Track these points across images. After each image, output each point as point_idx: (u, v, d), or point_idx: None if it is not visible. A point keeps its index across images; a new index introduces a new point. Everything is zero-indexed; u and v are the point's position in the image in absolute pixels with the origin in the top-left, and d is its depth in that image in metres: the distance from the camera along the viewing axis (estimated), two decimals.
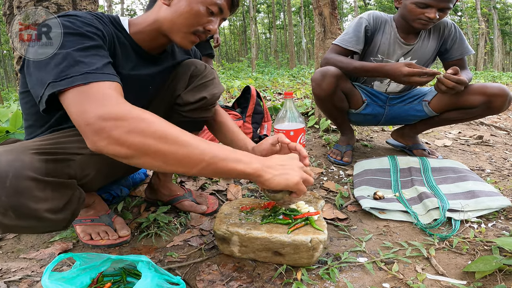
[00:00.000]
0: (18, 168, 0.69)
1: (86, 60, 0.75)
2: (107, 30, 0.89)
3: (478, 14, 19.96)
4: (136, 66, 1.01)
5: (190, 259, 1.01)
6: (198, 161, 0.73)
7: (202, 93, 1.14)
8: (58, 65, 0.73)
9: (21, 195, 0.68)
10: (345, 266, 0.94)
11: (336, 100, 1.71)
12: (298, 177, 0.85)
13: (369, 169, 1.60)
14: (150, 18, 0.99)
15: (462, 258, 0.97)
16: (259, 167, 0.81)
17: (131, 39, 0.98)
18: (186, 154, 0.71)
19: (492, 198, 1.23)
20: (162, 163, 0.72)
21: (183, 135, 0.73)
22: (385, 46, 1.72)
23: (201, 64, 1.19)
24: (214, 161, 0.74)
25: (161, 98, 1.16)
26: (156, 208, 1.31)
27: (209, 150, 0.74)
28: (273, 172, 0.83)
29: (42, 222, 0.75)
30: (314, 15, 2.58)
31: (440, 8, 1.52)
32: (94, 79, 0.72)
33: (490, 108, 1.58)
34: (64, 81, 0.71)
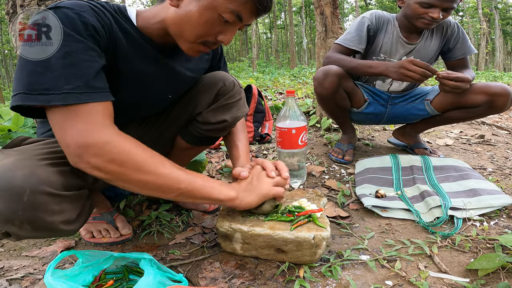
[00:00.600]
0: (35, 183, 0.67)
1: (68, 72, 0.68)
2: (105, 21, 0.79)
3: (480, 14, 19.95)
4: (149, 59, 0.91)
5: (192, 256, 1.01)
6: (174, 189, 0.78)
7: (224, 115, 1.08)
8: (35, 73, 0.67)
9: (37, 209, 0.68)
10: (347, 264, 0.94)
11: (338, 99, 1.71)
12: (266, 185, 0.91)
13: (371, 167, 1.60)
14: (159, 15, 0.87)
15: (465, 256, 0.97)
16: (232, 194, 0.87)
17: (138, 31, 0.88)
18: (162, 183, 0.76)
19: (494, 196, 1.23)
20: (139, 189, 0.77)
21: (161, 166, 0.76)
22: (388, 46, 1.72)
23: (230, 81, 1.09)
24: (189, 189, 0.79)
25: (182, 111, 1.11)
26: (158, 206, 1.31)
27: (185, 180, 0.78)
28: (243, 194, 0.89)
29: (56, 232, 0.75)
30: (315, 14, 2.58)
31: (444, 8, 1.52)
32: (73, 101, 0.68)
33: (492, 108, 1.58)
34: (38, 97, 0.66)
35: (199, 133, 1.13)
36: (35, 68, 0.67)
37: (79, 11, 0.72)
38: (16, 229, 0.68)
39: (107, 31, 0.79)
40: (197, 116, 1.11)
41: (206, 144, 1.21)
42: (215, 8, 0.79)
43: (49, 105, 0.67)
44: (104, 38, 0.78)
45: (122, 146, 0.71)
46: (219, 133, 1.13)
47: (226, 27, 0.83)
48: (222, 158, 1.99)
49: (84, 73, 0.70)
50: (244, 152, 1.12)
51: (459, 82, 1.47)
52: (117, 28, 0.83)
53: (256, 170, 0.97)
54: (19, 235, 0.70)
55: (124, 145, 0.72)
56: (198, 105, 1.09)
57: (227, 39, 0.85)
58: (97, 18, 0.76)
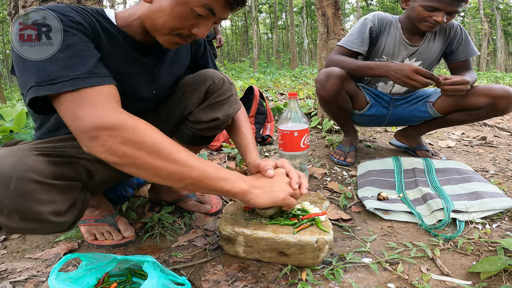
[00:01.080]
0: (21, 171, 0.68)
1: (72, 62, 0.71)
2: (88, 20, 0.81)
3: (481, 15, 19.92)
4: (130, 58, 0.93)
5: (195, 259, 1.01)
6: (186, 177, 0.75)
7: (216, 113, 1.07)
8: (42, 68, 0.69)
9: (25, 198, 0.68)
10: (350, 267, 0.94)
11: (340, 101, 1.71)
12: (284, 193, 0.88)
13: (373, 170, 1.60)
14: (136, 13, 0.90)
15: (467, 258, 0.97)
16: (244, 187, 0.84)
17: (119, 30, 0.90)
18: (175, 170, 0.73)
19: (496, 199, 1.23)
20: (150, 175, 0.74)
21: (175, 151, 0.74)
22: (390, 47, 1.72)
23: (219, 78, 1.09)
24: (201, 179, 0.77)
25: (172, 111, 1.12)
26: (160, 208, 1.32)
27: (198, 168, 0.76)
28: (258, 192, 0.86)
29: (46, 224, 0.74)
30: (317, 15, 2.58)
31: (448, 12, 1.52)
32: (83, 85, 0.70)
33: (494, 110, 1.57)
34: (49, 86, 0.68)
35: (192, 133, 1.12)
36: (41, 64, 0.69)
37: (63, 12, 0.76)
38: (4, 219, 0.68)
39: (92, 29, 0.82)
40: (188, 115, 1.10)
41: (202, 143, 1.21)
42: (187, 2, 0.80)
43: (60, 92, 0.69)
44: (91, 35, 0.80)
45: (137, 127, 0.71)
46: (213, 132, 1.13)
47: (199, 21, 0.85)
48: (224, 160, 1.99)
49: (86, 61, 0.73)
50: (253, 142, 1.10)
51: (459, 85, 1.47)
52: (99, 28, 0.85)
53: (280, 173, 0.94)
54: (8, 226, 0.70)
55: (139, 126, 0.72)
56: (189, 105, 1.09)
57: (201, 32, 0.86)
58: (82, 18, 0.79)
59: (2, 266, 1.01)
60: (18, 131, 2.23)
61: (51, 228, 0.77)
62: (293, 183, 0.91)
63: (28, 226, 0.72)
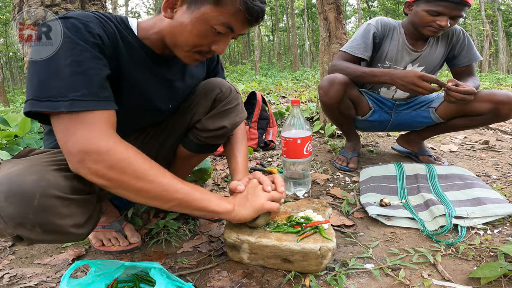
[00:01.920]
0: (44, 187, 0.70)
1: (75, 80, 0.71)
2: (110, 31, 0.83)
3: (482, 16, 19.85)
4: (148, 69, 0.95)
5: (200, 265, 1.03)
6: (172, 199, 0.80)
7: (223, 121, 1.09)
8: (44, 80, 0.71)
9: (47, 212, 0.70)
10: (352, 273, 0.95)
11: (343, 108, 1.71)
12: (261, 200, 0.92)
13: (375, 176, 1.61)
14: (156, 26, 0.92)
15: (468, 264, 0.98)
16: (229, 207, 0.90)
17: (139, 42, 0.92)
18: (160, 192, 0.78)
19: (498, 205, 1.24)
20: (137, 197, 0.79)
21: (160, 176, 0.78)
22: (393, 53, 1.72)
23: (226, 87, 1.11)
24: (187, 200, 0.82)
25: (180, 119, 1.13)
26: (165, 215, 1.33)
27: (182, 191, 0.81)
28: (239, 208, 0.92)
29: (67, 236, 0.76)
30: (319, 19, 2.59)
31: (452, 16, 1.52)
32: (79, 108, 0.71)
33: (497, 116, 1.57)
34: (48, 103, 0.70)
35: (199, 141, 1.14)
36: (44, 76, 0.71)
37: (86, 21, 0.76)
38: (27, 232, 0.70)
39: (112, 40, 0.83)
40: (196, 123, 1.12)
41: (208, 151, 1.23)
42: (207, 20, 0.82)
43: (56, 111, 0.70)
44: (109, 48, 0.82)
45: (123, 154, 0.74)
46: (219, 140, 1.15)
47: (219, 38, 0.87)
48: (227, 166, 2.01)
49: (90, 81, 0.74)
50: (243, 164, 1.12)
51: (466, 94, 1.46)
52: (120, 38, 0.86)
53: (252, 184, 0.99)
54: (30, 239, 0.72)
55: (125, 152, 0.75)
56: (196, 113, 1.11)
57: (221, 49, 0.89)
58: (103, 28, 0.81)
59: (11, 271, 1.03)
60: (23, 136, 2.26)
61: (71, 239, 0.80)
62: (265, 187, 0.95)
63: (50, 238, 0.75)
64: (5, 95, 11.36)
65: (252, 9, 0.82)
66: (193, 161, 1.27)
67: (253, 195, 0.95)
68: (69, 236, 0.76)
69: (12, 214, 0.67)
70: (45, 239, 0.74)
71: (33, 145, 2.24)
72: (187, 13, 0.84)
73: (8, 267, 1.06)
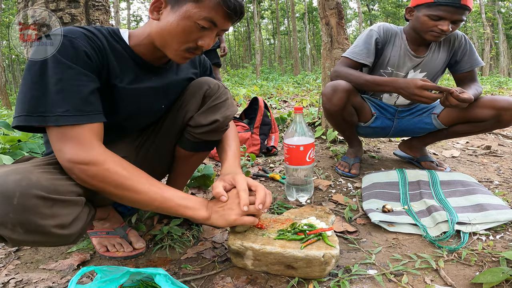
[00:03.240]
0: (24, 186, 0.71)
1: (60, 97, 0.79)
2: (98, 45, 0.88)
3: (483, 19, 19.86)
4: (138, 78, 0.99)
5: (204, 271, 1.04)
6: (149, 205, 0.89)
7: (215, 115, 1.11)
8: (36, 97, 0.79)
9: (28, 212, 0.71)
10: (355, 278, 0.96)
11: (346, 115, 1.72)
12: (234, 216, 0.93)
13: (378, 182, 1.61)
14: (146, 31, 0.97)
15: (470, 269, 0.99)
16: (205, 215, 0.94)
17: (130, 51, 0.97)
18: (137, 199, 0.87)
19: (500, 211, 1.24)
20: (119, 200, 0.90)
21: (138, 184, 0.86)
22: (395, 59, 1.72)
23: (214, 83, 1.15)
24: (164, 207, 0.89)
25: (174, 119, 1.16)
26: (168, 220, 1.34)
27: (159, 198, 0.88)
28: (215, 216, 0.94)
29: (51, 237, 0.76)
30: (320, 25, 2.60)
31: (453, 20, 1.53)
32: (64, 123, 0.79)
33: (499, 122, 1.58)
34: (38, 118, 0.78)
35: (194, 138, 1.15)
36: (35, 93, 0.79)
37: (71, 38, 0.83)
38: (8, 232, 0.71)
39: (99, 54, 0.89)
40: (189, 121, 1.14)
41: (204, 149, 1.24)
42: (190, 16, 0.89)
43: (46, 125, 0.80)
44: (97, 61, 0.88)
45: (103, 165, 0.82)
46: (214, 135, 1.16)
47: (204, 33, 0.93)
48: None
49: (73, 98, 0.81)
50: (232, 156, 1.15)
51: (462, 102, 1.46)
52: (109, 50, 0.92)
53: (231, 194, 0.97)
54: (12, 239, 0.72)
55: (106, 164, 0.83)
56: (189, 111, 1.13)
57: (207, 43, 0.94)
58: (89, 43, 0.86)
59: (17, 276, 1.04)
60: (26, 141, 2.27)
61: (56, 241, 0.79)
62: (241, 205, 0.93)
63: (32, 239, 0.75)
64: (8, 98, 11.41)
65: (229, 2, 0.89)
66: (192, 160, 1.28)
67: (228, 207, 0.94)
68: (54, 237, 0.76)
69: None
70: (28, 240, 0.74)
71: (36, 149, 2.25)
72: (171, 13, 0.91)
73: (14, 272, 1.07)
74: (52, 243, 0.82)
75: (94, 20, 1.72)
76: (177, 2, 0.90)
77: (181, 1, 0.89)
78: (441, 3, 1.49)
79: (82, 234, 0.88)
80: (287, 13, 29.33)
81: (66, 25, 1.53)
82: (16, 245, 0.78)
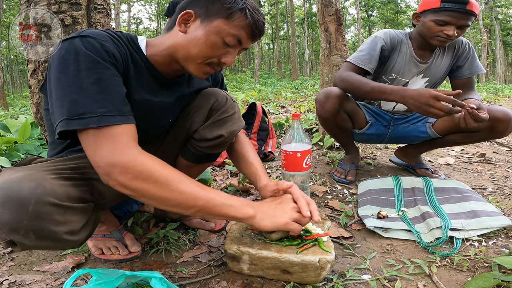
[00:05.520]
0: (40, 194, 0.72)
1: (101, 97, 0.77)
2: (122, 51, 0.88)
3: (480, 25, 19.99)
4: (151, 90, 0.99)
5: (200, 275, 1.04)
6: (192, 206, 0.82)
7: (220, 130, 1.10)
8: (74, 100, 0.76)
9: (42, 219, 0.72)
10: (350, 283, 0.97)
11: (339, 121, 1.72)
12: (286, 219, 0.91)
13: (373, 189, 1.62)
14: (167, 42, 0.96)
15: (463, 275, 1.00)
16: (251, 213, 0.90)
17: (147, 61, 0.96)
18: (181, 200, 0.81)
19: (493, 218, 1.26)
20: (159, 204, 0.82)
21: (181, 183, 0.81)
22: (400, 65, 1.72)
23: (222, 96, 1.13)
24: (207, 206, 0.84)
25: (178, 130, 1.15)
26: (165, 224, 1.35)
27: (203, 197, 0.83)
28: (262, 216, 0.91)
29: (61, 243, 0.78)
30: (319, 31, 2.61)
31: (459, 25, 1.54)
32: (107, 123, 0.76)
33: (493, 133, 1.58)
34: (79, 121, 0.75)
35: (198, 151, 1.15)
36: (73, 96, 0.76)
37: (102, 41, 0.82)
38: (20, 238, 0.71)
39: (124, 61, 0.88)
40: (193, 133, 1.14)
41: (207, 161, 1.24)
42: (219, 33, 0.90)
43: (87, 127, 0.76)
44: (122, 67, 0.87)
45: (145, 164, 0.78)
46: (218, 149, 1.15)
47: (228, 50, 0.93)
48: (227, 176, 2.03)
49: (114, 97, 0.79)
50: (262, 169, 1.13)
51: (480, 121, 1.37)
52: (130, 59, 0.91)
53: (286, 198, 0.98)
54: (23, 244, 0.73)
55: (147, 163, 0.79)
56: (194, 123, 1.12)
57: (229, 61, 0.95)
58: (117, 48, 0.86)
59: (10, 278, 1.04)
60: (23, 143, 2.27)
61: (65, 246, 0.82)
62: (303, 211, 0.93)
63: (43, 244, 0.76)
64: (5, 99, 11.36)
65: (258, 22, 0.92)
66: (193, 171, 1.29)
67: (281, 211, 0.93)
68: (63, 243, 0.78)
69: (8, 219, 0.69)
70: (38, 245, 0.76)
71: (32, 151, 2.25)
72: (200, 27, 0.91)
73: (7, 274, 1.07)
74: (59, 248, 0.84)
75: (95, 23, 1.72)
76: (208, 16, 0.90)
77: (212, 16, 0.90)
78: (447, 8, 1.51)
79: (87, 239, 0.89)
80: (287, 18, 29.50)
81: (67, 28, 1.53)
82: (25, 249, 0.77)
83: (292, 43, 21.94)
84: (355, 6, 23.46)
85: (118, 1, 17.59)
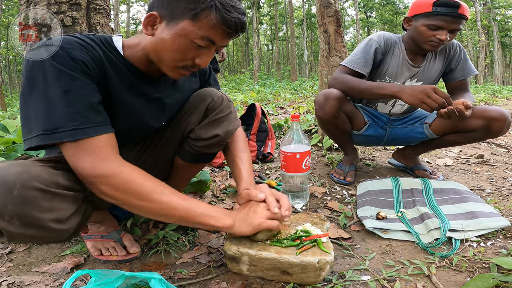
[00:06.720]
0: (25, 179, 0.71)
1: (71, 111, 0.76)
2: (95, 55, 0.85)
3: (478, 26, 20.02)
4: (133, 88, 0.96)
5: (199, 276, 1.04)
6: (171, 215, 0.86)
7: (216, 130, 1.09)
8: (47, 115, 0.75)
9: (27, 204, 0.70)
10: (349, 284, 0.97)
11: (338, 122, 1.73)
12: (259, 219, 0.94)
13: (372, 190, 1.63)
14: (141, 44, 0.93)
15: (462, 275, 1.00)
16: (229, 222, 0.93)
17: (125, 61, 0.93)
18: (161, 210, 0.85)
19: (491, 218, 1.26)
20: (143, 214, 0.88)
21: (161, 195, 0.84)
22: (393, 69, 1.73)
23: (218, 96, 1.12)
24: (187, 216, 0.87)
25: (175, 130, 1.15)
26: (164, 225, 1.34)
27: (181, 208, 0.86)
28: (239, 224, 0.94)
29: (47, 231, 0.76)
30: (318, 32, 2.61)
31: (450, 29, 1.55)
32: (81, 136, 0.77)
33: (489, 132, 1.59)
34: (54, 135, 0.75)
35: (194, 150, 1.15)
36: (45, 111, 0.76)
37: (67, 48, 0.79)
38: (6, 224, 0.70)
39: (98, 64, 0.85)
40: (189, 133, 1.13)
41: (204, 161, 1.24)
42: (186, 35, 0.84)
43: (62, 141, 0.77)
44: (96, 71, 0.84)
45: (126, 177, 0.81)
46: (214, 149, 1.15)
47: (201, 51, 0.88)
48: (226, 177, 2.03)
49: (84, 109, 0.79)
50: (247, 172, 1.11)
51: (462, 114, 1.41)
52: (106, 60, 0.88)
53: (253, 203, 1.00)
54: (8, 231, 0.71)
55: (127, 175, 0.81)
56: (190, 123, 1.12)
57: (204, 62, 0.90)
58: (87, 53, 0.83)
59: (9, 279, 1.04)
60: (21, 143, 2.27)
61: (52, 235, 0.79)
62: (271, 208, 0.96)
63: (29, 232, 0.74)
64: (3, 99, 11.34)
65: (230, 21, 0.83)
66: (191, 171, 1.29)
67: (253, 212, 0.96)
68: (50, 231, 0.76)
69: None
70: (24, 233, 0.73)
71: (30, 152, 2.25)
72: (166, 30, 0.85)
73: (6, 274, 1.06)
74: (47, 239, 0.81)
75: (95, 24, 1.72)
76: (173, 18, 0.84)
77: (177, 18, 0.84)
78: (439, 12, 1.51)
79: (77, 232, 0.88)
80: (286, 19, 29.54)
81: (67, 28, 1.53)
82: (12, 239, 0.75)
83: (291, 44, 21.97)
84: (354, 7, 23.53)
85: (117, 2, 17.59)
